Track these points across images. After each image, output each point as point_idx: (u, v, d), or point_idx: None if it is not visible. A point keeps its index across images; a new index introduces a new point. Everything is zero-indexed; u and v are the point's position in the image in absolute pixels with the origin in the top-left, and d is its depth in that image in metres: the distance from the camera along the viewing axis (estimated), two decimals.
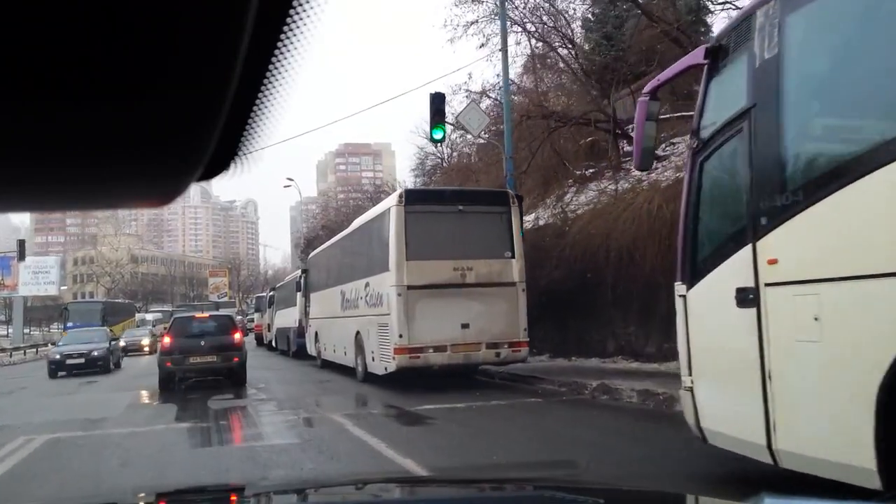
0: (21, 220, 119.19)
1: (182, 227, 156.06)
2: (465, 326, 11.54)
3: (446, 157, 33.86)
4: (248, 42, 0.51)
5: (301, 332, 21.30)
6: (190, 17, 0.48)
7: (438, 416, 8.75)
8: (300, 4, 0.54)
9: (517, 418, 8.69)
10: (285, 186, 45.90)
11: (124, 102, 0.53)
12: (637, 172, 16.43)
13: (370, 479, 3.63)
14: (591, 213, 14.93)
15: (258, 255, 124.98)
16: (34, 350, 37.82)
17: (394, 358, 11.32)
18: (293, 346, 22.84)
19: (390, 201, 12.06)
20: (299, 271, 22.97)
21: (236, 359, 13.95)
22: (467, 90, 27.90)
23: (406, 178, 40.82)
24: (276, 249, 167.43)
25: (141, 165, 0.62)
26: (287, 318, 24.39)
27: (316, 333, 18.82)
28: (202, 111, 0.56)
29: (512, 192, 12.54)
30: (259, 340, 33.99)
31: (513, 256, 11.98)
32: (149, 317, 51.05)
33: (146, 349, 31.98)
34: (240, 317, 36.20)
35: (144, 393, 13.84)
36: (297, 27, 0.55)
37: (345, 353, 15.10)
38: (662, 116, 18.72)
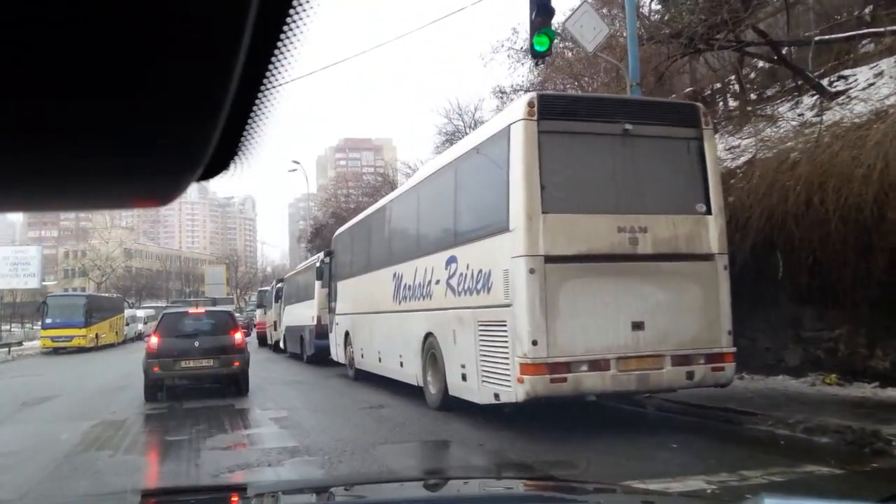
0: (14, 215, 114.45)
1: (179, 222, 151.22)
2: (637, 327, 6.80)
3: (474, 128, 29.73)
4: (248, 42, 0.51)
5: (320, 331, 17.02)
6: (190, 17, 0.47)
7: None
8: (299, 4, 0.53)
9: None
10: (291, 171, 42.18)
11: (124, 102, 0.52)
12: (804, 116, 11.72)
13: (371, 479, 4.21)
14: (770, 163, 10.12)
15: (256, 252, 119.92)
16: (6, 350, 33.06)
17: (521, 380, 6.54)
18: (309, 350, 18.31)
19: (512, 114, 7.11)
20: (320, 255, 18.17)
21: (237, 363, 11.51)
22: (511, 47, 23.40)
23: (425, 159, 36.53)
24: (274, 247, 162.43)
25: (141, 165, 0.62)
26: (300, 314, 19.70)
27: (346, 334, 14.11)
28: (202, 111, 0.56)
29: (704, 108, 7.70)
30: (262, 341, 29.39)
31: (709, 211, 7.24)
32: (140, 313, 46.75)
33: None
34: (238, 314, 31.88)
35: (102, 427, 9.03)
36: (297, 26, 0.54)
37: (400, 364, 10.38)
38: (824, 37, 14.14)
